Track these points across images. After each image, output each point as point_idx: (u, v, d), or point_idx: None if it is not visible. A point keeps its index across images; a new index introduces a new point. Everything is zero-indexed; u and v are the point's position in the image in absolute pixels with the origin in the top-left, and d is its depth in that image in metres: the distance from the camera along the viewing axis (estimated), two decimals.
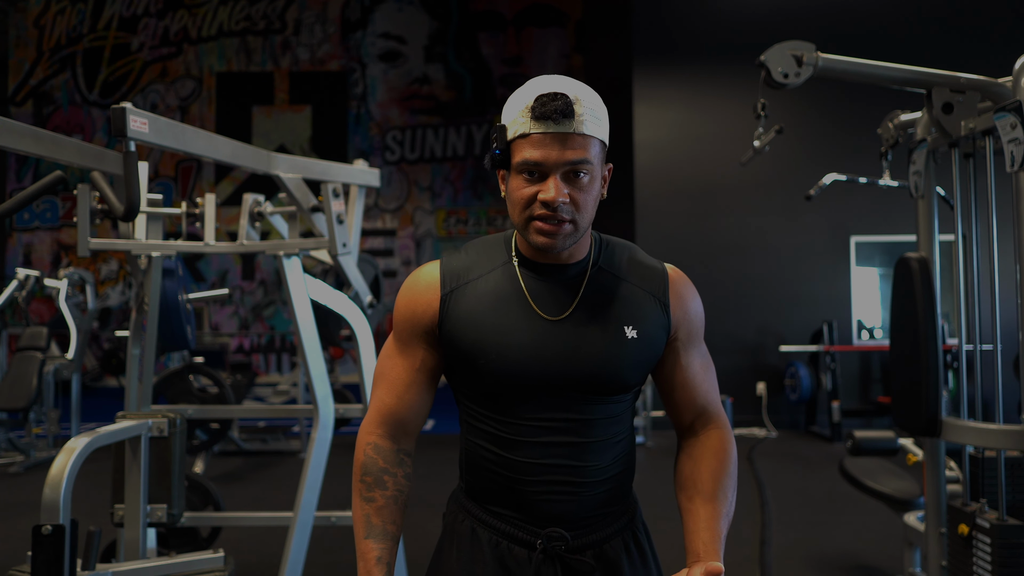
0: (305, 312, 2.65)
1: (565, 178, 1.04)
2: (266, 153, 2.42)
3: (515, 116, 1.05)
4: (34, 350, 5.55)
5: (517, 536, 1.12)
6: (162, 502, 2.10)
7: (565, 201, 1.03)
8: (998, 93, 2.24)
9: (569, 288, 1.12)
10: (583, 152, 1.03)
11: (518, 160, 1.05)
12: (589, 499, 1.12)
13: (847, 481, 3.15)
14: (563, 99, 1.02)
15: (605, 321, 1.10)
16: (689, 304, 1.17)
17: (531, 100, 1.04)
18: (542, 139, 1.02)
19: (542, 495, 1.11)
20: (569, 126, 1.02)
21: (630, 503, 1.22)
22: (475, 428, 1.15)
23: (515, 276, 1.13)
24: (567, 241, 1.06)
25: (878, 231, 7.04)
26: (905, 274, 2.46)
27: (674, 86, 7.41)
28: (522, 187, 1.05)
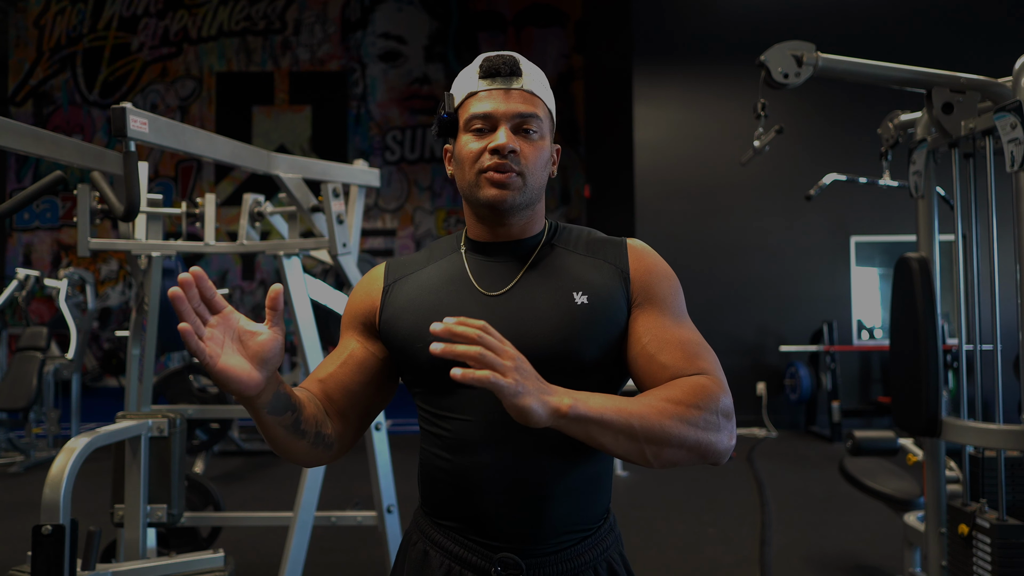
0: (305, 312, 2.65)
1: (515, 131, 1.02)
2: (266, 153, 2.42)
3: (463, 81, 1.06)
4: (34, 350, 5.55)
5: (470, 560, 1.01)
6: (162, 502, 2.10)
7: (515, 150, 1.00)
8: (998, 93, 2.24)
9: (516, 263, 1.06)
10: (532, 107, 1.03)
11: (467, 117, 1.04)
12: (551, 514, 0.99)
13: (847, 481, 3.15)
14: (510, 57, 1.03)
15: (551, 290, 1.02)
16: (650, 265, 1.05)
17: (478, 62, 1.05)
18: (491, 93, 1.03)
19: (496, 507, 0.99)
20: (517, 82, 1.03)
21: (605, 529, 1.07)
22: (427, 433, 1.07)
23: (460, 260, 1.09)
24: (517, 197, 1.02)
25: (878, 231, 7.04)
26: (905, 274, 2.46)
27: (674, 86, 7.41)
28: (471, 143, 1.03)
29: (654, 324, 1.01)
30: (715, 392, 0.93)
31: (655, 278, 1.04)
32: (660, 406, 0.90)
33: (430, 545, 1.06)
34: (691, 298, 1.09)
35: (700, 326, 1.10)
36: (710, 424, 0.91)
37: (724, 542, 3.68)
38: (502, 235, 1.07)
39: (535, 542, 0.99)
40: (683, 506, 4.34)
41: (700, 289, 6.83)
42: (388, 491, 2.74)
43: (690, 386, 0.93)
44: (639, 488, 4.79)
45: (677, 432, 0.89)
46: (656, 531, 3.85)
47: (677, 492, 4.67)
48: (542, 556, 1.00)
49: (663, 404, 0.90)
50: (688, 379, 0.95)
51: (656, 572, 3.29)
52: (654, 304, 1.02)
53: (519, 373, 0.82)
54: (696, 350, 0.99)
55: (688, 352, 0.98)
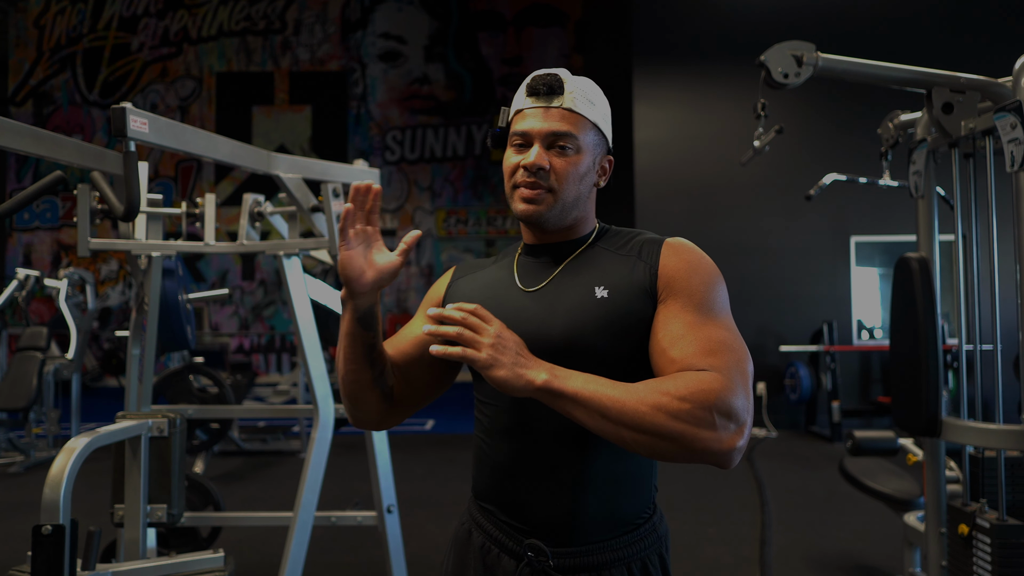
0: (305, 312, 2.65)
1: (549, 148, 1.07)
2: (266, 153, 2.42)
3: (517, 97, 1.13)
4: (34, 350, 5.55)
5: (506, 544, 1.08)
6: (162, 502, 2.10)
7: (544, 167, 1.06)
8: (998, 93, 2.24)
9: (554, 263, 1.13)
10: (567, 126, 1.07)
11: (511, 132, 1.11)
12: (582, 505, 1.03)
13: (847, 481, 3.15)
14: (553, 76, 1.08)
15: (576, 285, 1.08)
16: (681, 261, 1.05)
17: (528, 80, 1.11)
18: (531, 112, 1.09)
19: (528, 494, 1.05)
20: (556, 100, 1.08)
21: (646, 527, 1.08)
22: (477, 420, 1.15)
23: (513, 262, 1.18)
24: (548, 212, 1.08)
25: (878, 231, 7.04)
26: (905, 274, 2.46)
27: (674, 86, 7.41)
28: (510, 157, 1.10)
29: (672, 318, 1.01)
30: (713, 388, 0.91)
31: (683, 273, 1.03)
32: (643, 393, 0.91)
33: (474, 525, 1.14)
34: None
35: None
36: (698, 419, 0.89)
37: (724, 542, 3.68)
38: (547, 239, 1.15)
39: (565, 531, 1.04)
40: (683, 506, 4.34)
41: None
42: (388, 491, 2.74)
43: (686, 379, 0.92)
44: None
45: (654, 420, 0.89)
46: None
47: (677, 492, 4.67)
48: (571, 546, 1.04)
49: (648, 392, 0.91)
50: (689, 372, 0.94)
51: None
52: (676, 299, 1.02)
53: (496, 349, 0.92)
54: (713, 347, 0.96)
55: (703, 348, 0.96)
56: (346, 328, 1.07)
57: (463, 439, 6.44)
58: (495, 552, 1.08)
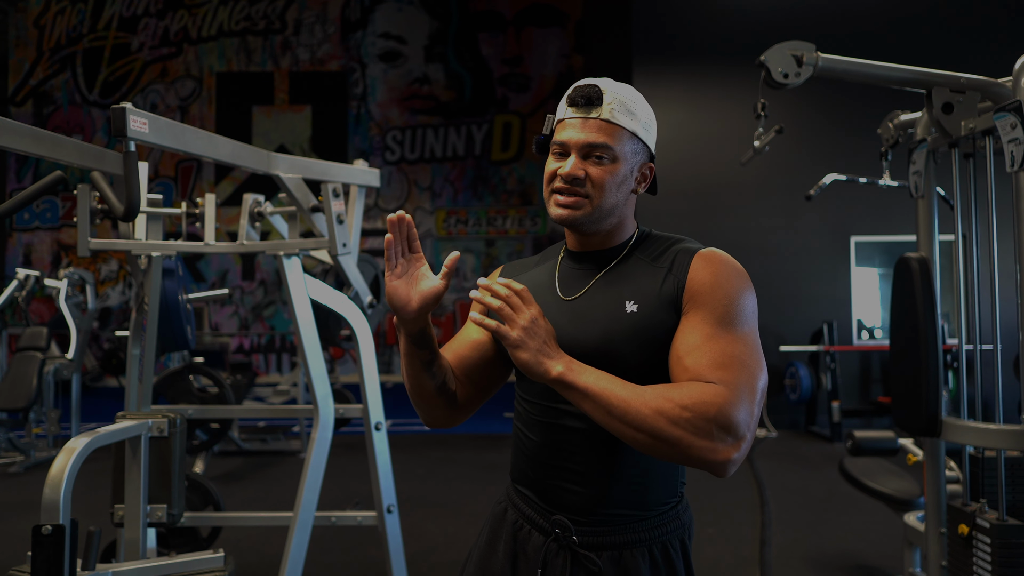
0: (305, 312, 2.65)
1: (585, 157, 1.11)
2: (266, 153, 2.42)
3: (561, 106, 1.16)
4: (34, 350, 5.55)
5: (536, 521, 1.17)
6: (162, 502, 2.10)
7: (580, 175, 1.10)
8: (998, 93, 2.24)
9: (593, 272, 1.18)
10: (604, 136, 1.10)
11: (553, 141, 1.16)
12: (603, 493, 1.11)
13: (847, 481, 3.15)
14: (593, 88, 1.11)
15: (611, 297, 1.13)
16: (709, 274, 1.09)
17: (570, 90, 1.14)
18: (571, 122, 1.13)
19: (554, 480, 1.14)
20: (594, 111, 1.11)
21: (670, 513, 1.16)
22: (517, 410, 1.23)
23: (555, 266, 1.24)
24: (584, 219, 1.12)
25: (878, 231, 7.04)
26: (905, 274, 2.46)
27: (674, 86, 7.41)
28: (551, 163, 1.15)
29: (691, 329, 1.05)
30: (716, 401, 0.95)
31: (708, 286, 1.08)
32: (649, 397, 0.97)
33: (510, 504, 1.23)
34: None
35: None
36: (697, 428, 0.94)
37: (724, 542, 3.68)
38: (587, 245, 1.20)
39: (592, 513, 1.12)
40: None
41: None
42: (388, 491, 2.74)
43: (692, 388, 0.98)
44: None
45: (654, 423, 0.95)
46: None
47: None
48: (595, 526, 1.12)
49: (653, 396, 0.97)
50: (696, 383, 0.99)
51: None
52: (697, 311, 1.07)
53: (527, 333, 1.00)
54: (726, 360, 1.00)
55: (716, 360, 1.01)
56: (404, 349, 1.14)
57: (463, 439, 6.44)
58: (526, 528, 1.18)
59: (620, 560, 1.11)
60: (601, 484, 1.11)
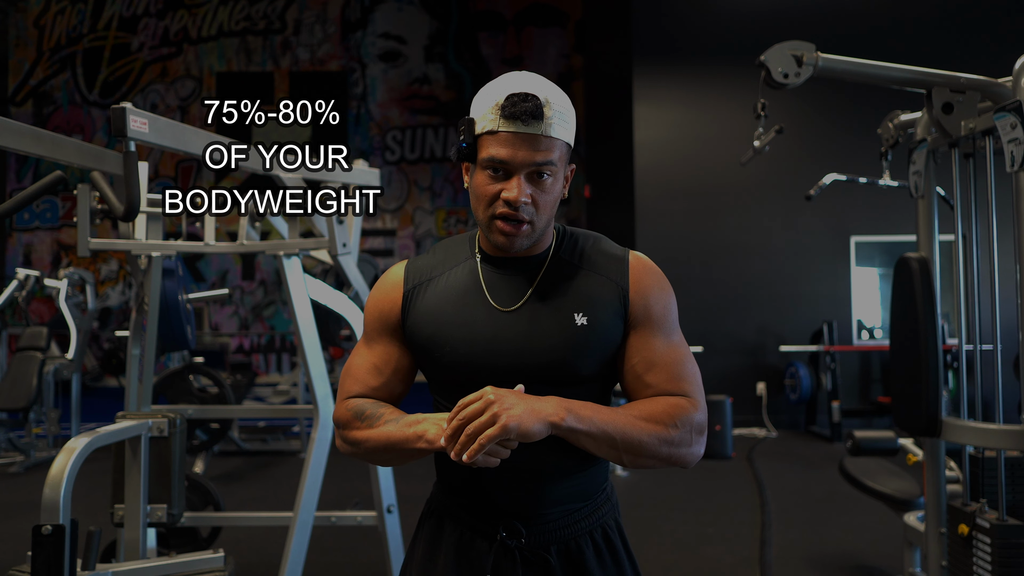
0: (305, 312, 2.65)
1: (529, 178, 1.06)
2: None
3: (484, 112, 1.07)
4: (34, 350, 5.55)
5: (478, 527, 1.13)
6: (162, 502, 2.10)
7: (527, 202, 1.06)
8: (998, 93, 2.24)
9: (526, 279, 1.13)
10: (549, 154, 1.05)
11: (484, 156, 1.06)
12: (550, 495, 1.11)
13: (847, 481, 3.15)
14: (534, 100, 1.03)
15: (556, 309, 1.10)
16: (650, 289, 1.13)
17: (502, 98, 1.05)
18: (510, 138, 1.04)
19: (500, 489, 1.11)
20: (538, 128, 1.04)
21: (602, 498, 1.18)
22: None
23: (475, 271, 1.15)
24: (525, 241, 1.09)
25: (878, 231, 7.04)
26: (905, 274, 2.46)
27: (674, 86, 7.41)
28: (486, 184, 1.07)
29: (644, 345, 1.12)
30: (691, 413, 1.08)
31: (652, 299, 1.13)
32: (641, 423, 1.05)
33: (445, 515, 1.19)
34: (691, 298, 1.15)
35: (700, 326, 1.14)
36: (683, 441, 1.07)
37: (724, 542, 3.68)
38: (513, 253, 1.14)
39: (534, 516, 1.11)
40: (683, 506, 4.34)
41: (700, 289, 6.82)
42: (388, 491, 2.74)
43: (670, 405, 1.08)
44: (639, 488, 4.79)
45: (653, 448, 1.05)
46: (656, 531, 3.85)
47: (677, 492, 4.67)
48: (541, 524, 1.12)
49: (643, 422, 1.05)
50: (669, 399, 1.09)
51: (656, 572, 3.29)
52: (647, 326, 1.12)
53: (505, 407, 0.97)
54: (680, 371, 1.11)
55: (672, 373, 1.11)
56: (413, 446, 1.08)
57: None
58: (468, 536, 1.14)
59: (566, 551, 1.12)
60: (547, 485, 1.10)
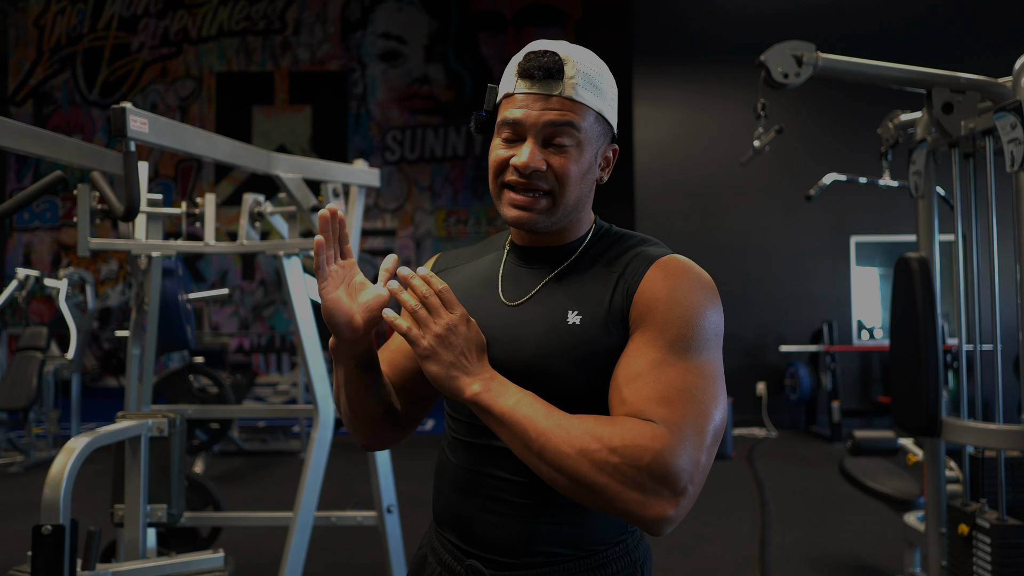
0: (305, 312, 2.65)
1: (545, 144, 0.92)
2: (266, 153, 2.42)
3: (506, 76, 0.96)
4: (34, 350, 5.55)
5: (451, 566, 0.99)
6: (162, 502, 2.10)
7: (541, 168, 0.91)
8: (998, 93, 2.24)
9: (543, 273, 0.99)
10: (568, 115, 0.91)
11: (500, 120, 0.95)
12: (535, 528, 0.93)
13: (847, 481, 3.15)
14: (551, 56, 0.91)
15: (554, 306, 0.95)
16: (663, 289, 0.90)
17: (522, 56, 0.93)
18: (524, 98, 0.92)
19: (478, 512, 0.96)
20: (554, 87, 0.91)
21: (615, 551, 0.96)
22: (445, 432, 1.07)
23: (499, 261, 1.04)
24: (542, 219, 0.94)
25: (878, 231, 7.04)
26: (905, 274, 2.46)
27: (674, 86, 7.41)
28: (498, 149, 0.94)
29: (639, 355, 0.88)
30: (652, 446, 0.79)
31: (662, 303, 0.89)
32: (575, 433, 0.82)
33: (429, 550, 1.06)
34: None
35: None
36: (624, 477, 0.79)
37: (724, 542, 3.68)
38: (537, 241, 1.01)
39: (518, 553, 0.93)
40: None
41: None
42: (388, 491, 2.74)
43: (626, 428, 0.81)
44: None
45: (575, 465, 0.80)
46: None
47: None
48: (523, 568, 0.93)
49: (580, 433, 0.82)
50: (632, 420, 0.83)
51: (656, 572, 3.29)
52: (647, 331, 0.89)
53: (440, 342, 0.87)
54: (671, 395, 0.84)
55: (659, 394, 0.84)
56: (345, 376, 0.96)
57: None
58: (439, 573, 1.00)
59: None
60: (532, 517, 0.93)
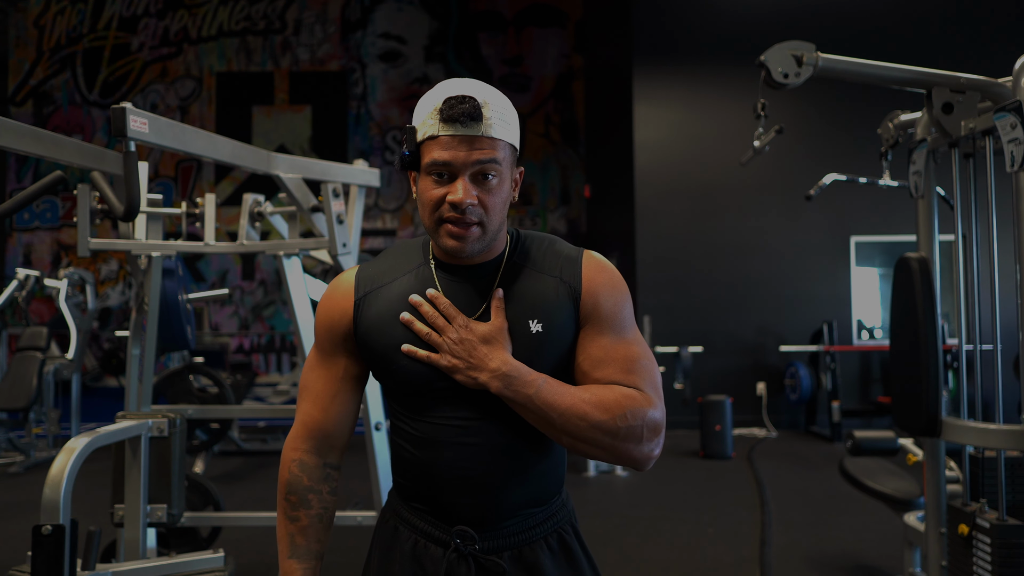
0: (305, 312, 2.65)
1: (473, 180, 1.04)
2: (266, 153, 2.42)
3: (424, 118, 1.06)
4: (34, 350, 5.55)
5: (433, 534, 1.12)
6: (162, 502, 2.10)
7: (473, 203, 1.04)
8: (998, 93, 2.24)
9: (482, 288, 1.11)
10: (491, 152, 1.04)
11: (427, 161, 1.05)
12: (506, 501, 1.10)
13: (847, 481, 3.15)
14: (471, 102, 1.03)
15: (512, 318, 1.09)
16: (600, 287, 1.11)
17: (440, 102, 1.04)
18: (450, 141, 1.03)
19: (456, 496, 1.10)
20: (477, 129, 1.03)
21: (557, 504, 1.17)
22: (397, 427, 1.16)
23: (430, 278, 1.13)
24: (476, 245, 1.07)
25: (878, 231, 7.04)
26: (905, 274, 2.46)
27: (674, 86, 7.41)
28: (431, 188, 1.06)
29: (593, 343, 1.10)
30: (644, 407, 1.05)
31: (602, 297, 1.11)
32: (587, 408, 1.03)
33: (400, 522, 1.17)
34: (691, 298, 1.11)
35: (700, 326, 1.12)
36: (632, 435, 1.04)
37: (724, 542, 3.68)
38: (468, 260, 1.12)
39: (489, 522, 1.10)
40: (683, 506, 4.34)
41: (700, 289, 6.82)
42: (388, 491, 2.73)
43: (622, 395, 1.05)
44: (639, 488, 4.79)
45: (593, 436, 1.03)
46: (656, 531, 3.85)
47: (677, 492, 4.67)
48: (496, 530, 1.11)
49: (590, 407, 1.04)
50: (623, 388, 1.06)
51: (656, 572, 3.29)
52: (596, 324, 1.10)
53: (454, 353, 1.04)
54: (631, 366, 1.08)
55: (624, 368, 1.08)
56: None
57: None
58: (422, 543, 1.13)
59: (521, 557, 1.11)
60: (501, 492, 1.10)
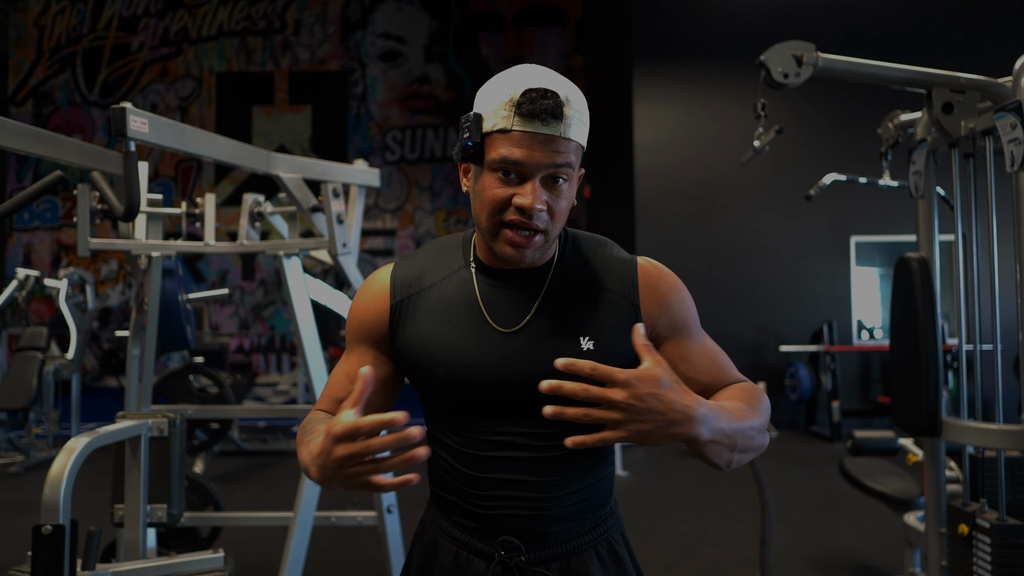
0: (305, 312, 2.65)
1: (544, 183, 0.95)
2: (266, 153, 2.42)
3: (496, 107, 0.96)
4: (34, 350, 5.55)
5: (476, 547, 1.06)
6: (162, 502, 2.10)
7: (542, 209, 0.95)
8: (998, 93, 2.24)
9: (527, 296, 1.03)
10: (567, 155, 0.96)
11: (495, 157, 0.95)
12: (551, 514, 1.04)
13: (847, 481, 3.15)
14: (554, 98, 0.93)
15: (561, 332, 1.01)
16: (665, 296, 1.05)
17: (517, 93, 0.95)
18: (526, 138, 0.94)
19: (499, 509, 1.04)
20: (557, 128, 0.94)
21: (605, 513, 1.11)
22: (436, 438, 1.10)
23: (470, 283, 1.05)
24: (536, 254, 0.99)
25: (878, 231, 7.04)
26: (905, 274, 2.46)
27: (674, 86, 7.41)
28: (495, 187, 0.96)
29: (693, 352, 1.06)
30: (763, 394, 1.03)
31: (673, 307, 1.06)
32: (749, 415, 0.96)
33: (440, 533, 1.11)
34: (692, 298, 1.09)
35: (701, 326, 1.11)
36: (766, 425, 1.01)
37: (724, 542, 3.68)
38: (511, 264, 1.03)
39: (537, 534, 1.04)
40: (683, 506, 4.34)
41: (700, 289, 6.78)
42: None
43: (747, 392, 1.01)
44: (639, 488, 4.79)
45: (755, 440, 0.97)
46: (656, 531, 3.85)
47: (677, 492, 4.67)
48: (542, 542, 1.05)
49: (749, 413, 0.97)
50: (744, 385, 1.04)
51: (656, 572, 3.29)
52: (679, 333, 1.06)
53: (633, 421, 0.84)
54: (719, 360, 1.07)
55: (723, 364, 1.07)
56: None
57: None
58: (464, 555, 1.06)
59: (570, 567, 1.05)
60: (549, 506, 1.03)
